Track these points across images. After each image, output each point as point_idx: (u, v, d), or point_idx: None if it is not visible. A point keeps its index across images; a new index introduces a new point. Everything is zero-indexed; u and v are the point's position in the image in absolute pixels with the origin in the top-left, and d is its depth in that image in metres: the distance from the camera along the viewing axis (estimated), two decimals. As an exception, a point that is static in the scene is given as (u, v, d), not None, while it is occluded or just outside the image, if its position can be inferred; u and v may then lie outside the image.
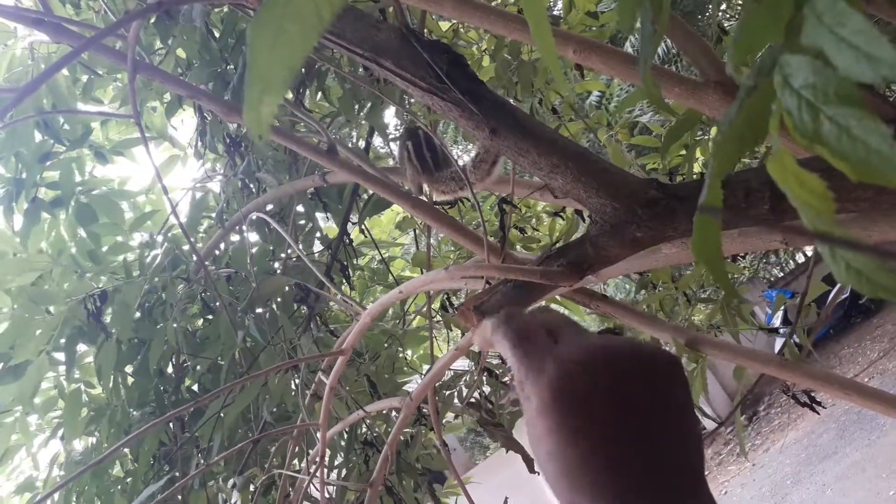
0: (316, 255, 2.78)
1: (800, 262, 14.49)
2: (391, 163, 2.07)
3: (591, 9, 2.31)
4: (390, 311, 3.02)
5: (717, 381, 12.16)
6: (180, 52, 2.42)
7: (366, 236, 2.79)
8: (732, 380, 1.83)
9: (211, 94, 1.89)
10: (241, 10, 1.71)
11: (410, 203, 1.74)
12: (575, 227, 2.47)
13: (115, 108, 3.19)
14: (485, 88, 1.11)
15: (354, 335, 1.51)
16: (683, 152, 2.41)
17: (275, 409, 2.45)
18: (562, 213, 2.32)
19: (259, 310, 2.43)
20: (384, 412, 2.52)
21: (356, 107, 2.12)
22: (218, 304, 2.54)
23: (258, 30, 0.46)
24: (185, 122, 3.39)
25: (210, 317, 2.63)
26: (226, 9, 1.96)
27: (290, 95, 2.30)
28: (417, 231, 2.74)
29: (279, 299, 2.51)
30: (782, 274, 15.00)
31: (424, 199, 1.85)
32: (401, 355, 3.00)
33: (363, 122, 2.22)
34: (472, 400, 2.39)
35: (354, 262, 2.68)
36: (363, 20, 1.15)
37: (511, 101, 2.68)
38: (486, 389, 2.59)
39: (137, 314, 2.53)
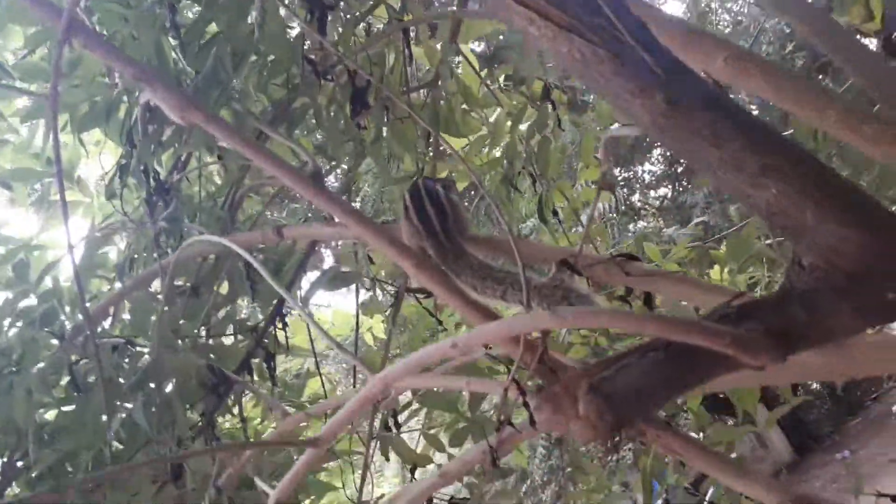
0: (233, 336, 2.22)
1: None
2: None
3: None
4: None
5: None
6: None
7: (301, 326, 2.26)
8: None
9: (167, 78, 1.43)
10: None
11: (414, 263, 1.29)
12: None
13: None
14: (659, 43, 0.72)
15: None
16: None
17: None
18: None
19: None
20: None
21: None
22: (93, 378, 1.92)
23: None
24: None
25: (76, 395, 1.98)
26: None
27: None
28: (383, 319, 2.23)
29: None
30: None
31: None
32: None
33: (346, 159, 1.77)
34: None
35: (285, 355, 2.12)
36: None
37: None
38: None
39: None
